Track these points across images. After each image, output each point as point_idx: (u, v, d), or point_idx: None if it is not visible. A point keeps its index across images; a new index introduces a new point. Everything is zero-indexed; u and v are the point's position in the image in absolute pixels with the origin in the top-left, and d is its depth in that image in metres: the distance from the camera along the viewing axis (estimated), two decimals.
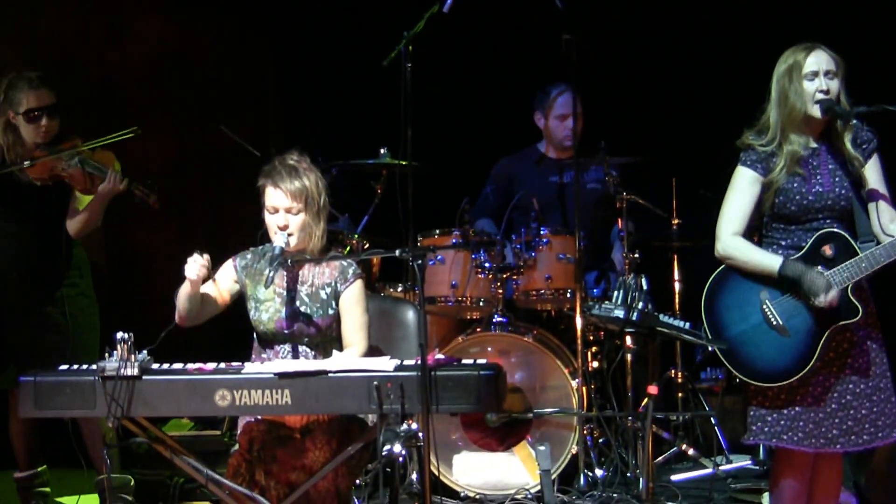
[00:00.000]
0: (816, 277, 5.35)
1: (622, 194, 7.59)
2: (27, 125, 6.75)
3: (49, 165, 6.74)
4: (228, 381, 5.06)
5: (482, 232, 7.64)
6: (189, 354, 5.33)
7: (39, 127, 6.75)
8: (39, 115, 6.74)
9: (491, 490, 7.21)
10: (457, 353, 7.15)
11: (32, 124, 6.74)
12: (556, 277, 7.43)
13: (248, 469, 5.33)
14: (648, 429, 5.69)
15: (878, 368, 5.46)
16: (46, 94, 6.76)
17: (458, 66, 8.78)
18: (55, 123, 6.81)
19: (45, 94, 6.76)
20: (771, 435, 5.47)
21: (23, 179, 6.76)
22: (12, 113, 6.75)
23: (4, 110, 6.78)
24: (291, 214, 5.49)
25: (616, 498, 7.04)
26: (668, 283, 7.97)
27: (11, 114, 6.76)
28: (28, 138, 6.77)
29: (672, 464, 7.77)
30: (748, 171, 5.53)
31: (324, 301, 5.57)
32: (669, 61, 8.68)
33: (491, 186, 8.19)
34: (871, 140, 5.51)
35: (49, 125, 6.77)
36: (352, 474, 5.46)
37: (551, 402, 7.23)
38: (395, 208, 6.95)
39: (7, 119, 6.77)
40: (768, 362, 5.40)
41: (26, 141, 6.77)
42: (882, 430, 5.44)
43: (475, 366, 5.08)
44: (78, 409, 5.11)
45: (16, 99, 6.74)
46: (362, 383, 5.01)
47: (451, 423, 7.20)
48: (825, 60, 5.44)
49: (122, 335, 5.07)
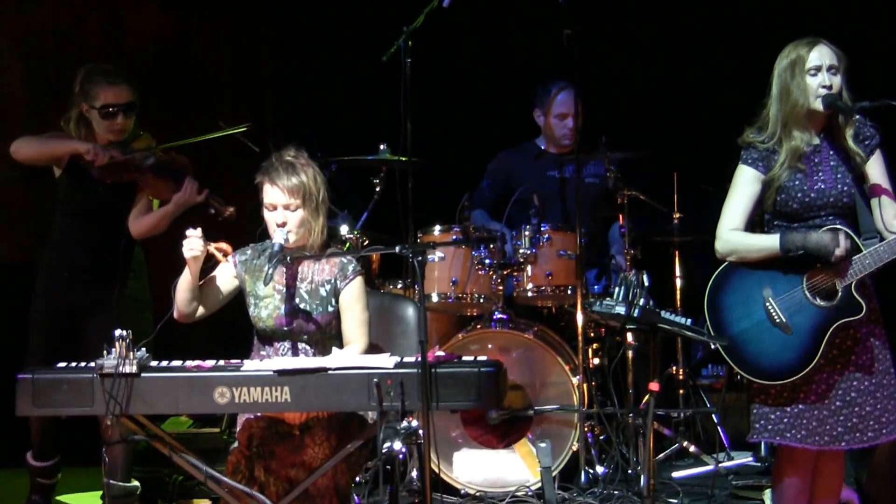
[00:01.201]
0: (821, 236, 5.31)
1: (623, 190, 7.57)
2: (101, 121, 6.59)
3: (121, 165, 6.56)
4: (228, 379, 5.05)
5: (482, 228, 7.62)
6: (188, 352, 5.30)
7: (114, 124, 6.59)
8: (115, 111, 6.58)
9: (491, 487, 7.19)
10: (457, 349, 7.13)
11: (107, 120, 6.59)
12: (557, 274, 7.42)
13: (248, 466, 5.32)
14: (649, 425, 5.65)
15: (881, 365, 5.44)
16: (126, 91, 6.61)
17: (458, 61, 8.77)
18: (130, 122, 6.66)
19: (124, 90, 6.60)
20: (774, 433, 5.44)
21: (91, 175, 6.56)
22: (87, 106, 6.60)
23: (79, 102, 6.62)
24: (289, 211, 5.47)
25: (617, 495, 7.04)
26: (670, 279, 7.95)
27: (86, 107, 6.60)
28: (101, 133, 6.61)
29: (673, 461, 7.76)
30: (749, 169, 5.50)
31: (323, 298, 5.55)
32: (670, 55, 8.67)
33: (488, 181, 8.17)
34: (874, 136, 5.48)
35: (124, 123, 6.62)
36: (351, 471, 5.45)
37: (552, 399, 7.22)
38: (394, 204, 6.94)
39: (81, 111, 6.62)
40: (771, 360, 5.38)
41: (99, 136, 6.61)
42: (886, 426, 5.42)
43: (475, 363, 5.08)
44: (76, 406, 5.09)
45: (92, 92, 6.58)
46: (362, 380, 5.00)
47: (452, 420, 7.18)
48: (828, 55, 5.41)
49: (120, 332, 5.05)
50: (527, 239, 7.41)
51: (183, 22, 8.90)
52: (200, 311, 5.59)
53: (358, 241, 7.46)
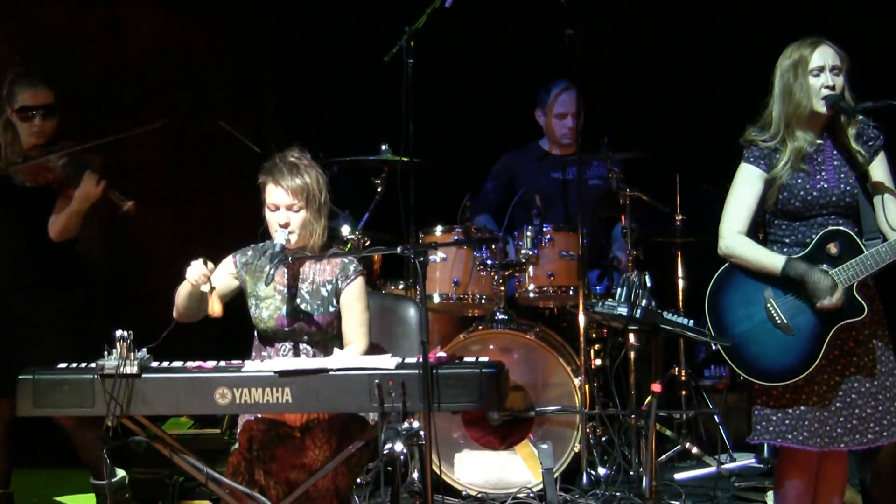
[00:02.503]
0: (821, 278, 5.31)
1: (625, 190, 7.56)
2: (21, 123, 6.59)
3: (37, 167, 6.55)
4: (228, 379, 5.05)
5: (484, 229, 7.61)
6: (189, 352, 5.30)
7: (32, 126, 6.58)
8: (33, 114, 6.57)
9: (493, 489, 7.18)
10: (458, 350, 7.12)
11: (26, 123, 6.59)
12: (559, 274, 7.41)
13: (248, 468, 5.31)
14: (652, 427, 5.64)
15: (883, 367, 5.43)
16: (43, 93, 6.59)
17: (460, 61, 8.75)
18: (50, 124, 6.63)
19: (41, 92, 6.59)
20: (776, 434, 5.44)
21: (16, 181, 6.58)
22: (10, 110, 6.61)
23: (3, 107, 6.63)
24: (292, 212, 5.46)
25: (619, 496, 7.02)
26: (672, 280, 7.93)
27: (10, 110, 6.61)
28: (23, 137, 6.61)
29: (675, 462, 7.75)
30: (751, 167, 5.50)
31: (324, 298, 5.54)
32: (672, 55, 8.65)
33: (492, 183, 8.17)
34: (878, 137, 5.48)
35: (42, 125, 6.60)
36: (352, 473, 5.44)
37: (553, 400, 7.21)
38: (396, 205, 6.93)
39: (6, 116, 6.63)
40: (773, 361, 5.38)
41: (23, 139, 6.61)
42: (887, 428, 5.41)
43: (477, 364, 5.07)
44: (76, 407, 5.10)
45: (14, 95, 6.59)
46: (363, 381, 4.99)
47: (453, 422, 7.17)
48: (831, 56, 5.41)
49: (121, 333, 5.05)
50: (529, 239, 7.40)
51: (183, 23, 8.88)
52: (200, 313, 5.58)
53: (359, 242, 7.45)
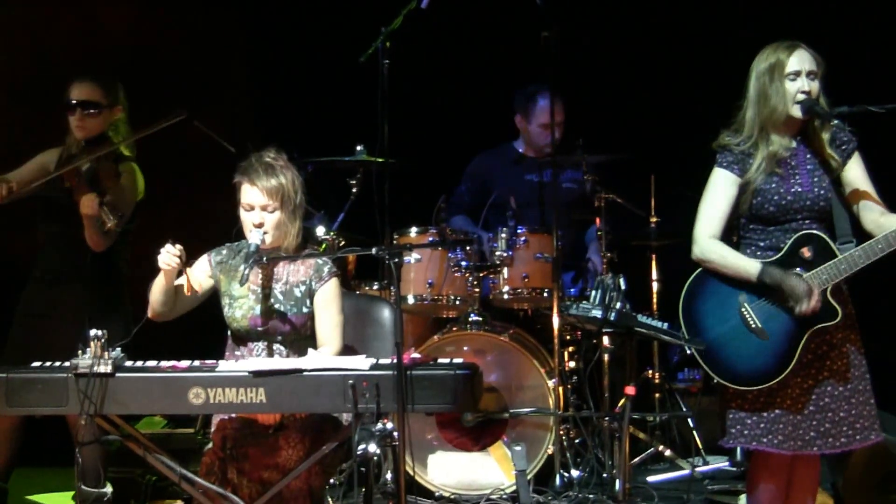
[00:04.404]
0: (797, 284, 5.33)
1: (600, 193, 7.58)
2: (68, 117, 6.53)
3: (72, 170, 6.46)
4: (202, 379, 5.04)
5: (459, 230, 7.62)
6: (162, 351, 5.28)
7: (74, 119, 6.52)
8: (73, 108, 6.50)
9: (466, 490, 7.20)
10: (433, 351, 7.13)
11: (70, 117, 6.52)
12: (534, 276, 7.43)
13: (221, 467, 5.30)
14: (625, 429, 5.67)
15: (856, 371, 5.45)
16: (87, 88, 6.53)
17: (436, 62, 8.76)
18: (92, 122, 6.55)
19: (86, 87, 6.53)
20: (750, 438, 5.44)
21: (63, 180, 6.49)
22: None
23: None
24: (267, 212, 5.46)
25: (592, 499, 7.04)
26: (646, 283, 7.94)
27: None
28: (72, 129, 6.55)
29: (648, 465, 7.77)
30: (724, 172, 5.50)
31: (298, 299, 5.54)
32: (648, 58, 8.68)
33: (466, 184, 8.18)
34: (851, 141, 5.49)
35: (82, 122, 6.53)
36: (325, 473, 5.44)
37: (527, 402, 7.22)
38: (371, 206, 6.93)
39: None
40: (747, 365, 5.38)
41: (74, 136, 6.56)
42: (860, 432, 5.43)
43: (451, 365, 5.07)
44: (50, 406, 5.07)
45: (68, 87, 6.53)
46: (337, 382, 4.99)
47: (427, 423, 7.18)
48: (807, 60, 5.42)
49: (95, 332, 5.03)
50: (503, 241, 7.41)
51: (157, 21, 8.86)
52: (174, 311, 5.57)
53: (334, 243, 7.45)
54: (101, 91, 6.59)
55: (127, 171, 6.62)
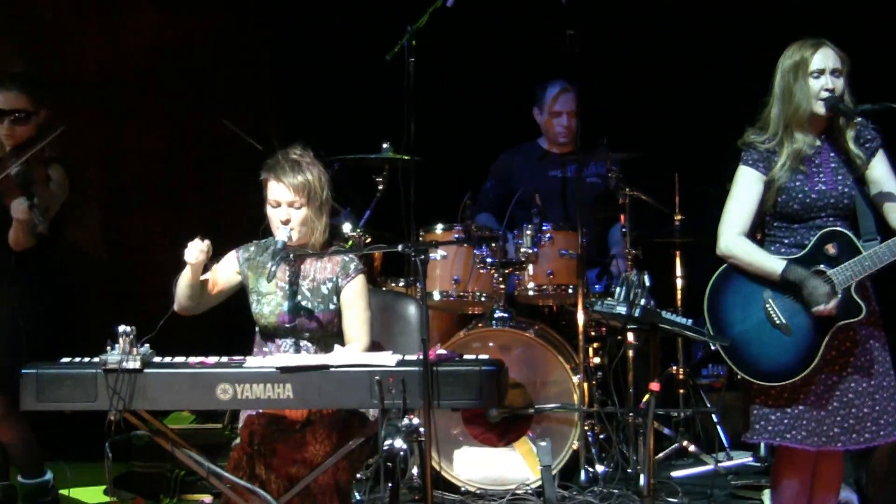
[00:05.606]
0: (819, 285, 5.33)
1: (624, 190, 7.59)
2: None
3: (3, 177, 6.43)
4: (230, 375, 5.07)
5: (484, 227, 7.64)
6: (190, 348, 5.32)
7: (2, 130, 6.54)
8: (1, 117, 6.54)
9: (491, 485, 7.20)
10: (458, 348, 7.12)
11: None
12: (558, 273, 7.44)
13: (249, 462, 5.33)
14: (649, 425, 5.66)
15: (880, 367, 5.45)
16: (13, 97, 6.55)
17: (462, 60, 8.77)
18: (21, 130, 6.58)
19: (11, 96, 6.55)
20: (774, 434, 5.45)
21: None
22: None
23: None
24: (294, 209, 5.49)
25: (616, 494, 7.05)
26: (671, 280, 7.95)
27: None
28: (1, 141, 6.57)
29: (673, 460, 7.77)
30: (750, 170, 5.51)
31: (325, 296, 5.57)
32: (672, 56, 8.67)
33: (491, 182, 8.20)
34: (875, 138, 5.49)
35: (10, 131, 6.56)
36: (352, 468, 5.47)
37: (552, 398, 7.23)
38: (397, 203, 6.94)
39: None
40: (771, 361, 5.39)
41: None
42: (884, 428, 5.43)
43: (477, 361, 5.10)
44: (79, 401, 5.10)
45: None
46: (364, 378, 5.02)
47: (452, 418, 7.20)
48: (832, 58, 5.42)
49: (124, 328, 5.07)
50: (528, 238, 7.42)
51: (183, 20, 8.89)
52: (201, 306, 5.61)
53: (360, 240, 7.47)
54: (26, 98, 6.60)
55: (56, 173, 6.63)
